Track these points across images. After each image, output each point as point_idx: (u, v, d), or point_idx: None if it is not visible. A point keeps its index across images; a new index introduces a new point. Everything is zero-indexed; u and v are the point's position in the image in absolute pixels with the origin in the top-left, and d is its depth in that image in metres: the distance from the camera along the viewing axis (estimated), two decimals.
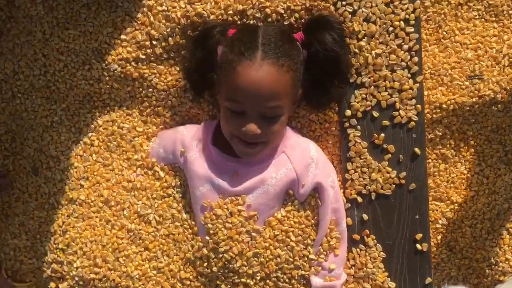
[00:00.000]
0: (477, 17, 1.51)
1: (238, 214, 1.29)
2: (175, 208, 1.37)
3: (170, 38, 1.37)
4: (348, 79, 1.32)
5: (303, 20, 1.31)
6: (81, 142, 1.43)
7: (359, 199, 1.37)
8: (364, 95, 1.33)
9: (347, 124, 1.35)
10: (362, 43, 1.31)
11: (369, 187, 1.35)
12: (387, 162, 1.34)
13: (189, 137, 1.36)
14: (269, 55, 1.16)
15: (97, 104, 1.45)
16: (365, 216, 1.34)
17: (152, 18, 1.38)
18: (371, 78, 1.32)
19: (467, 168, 1.54)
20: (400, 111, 1.32)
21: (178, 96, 1.42)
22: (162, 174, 1.40)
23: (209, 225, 1.30)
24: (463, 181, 1.55)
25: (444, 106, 1.47)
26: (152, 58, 1.39)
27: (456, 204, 1.55)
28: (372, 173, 1.35)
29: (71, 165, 1.41)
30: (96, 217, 1.37)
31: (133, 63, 1.40)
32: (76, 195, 1.38)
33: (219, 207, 1.30)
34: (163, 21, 1.38)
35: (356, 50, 1.32)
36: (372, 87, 1.33)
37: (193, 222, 1.35)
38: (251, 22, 1.32)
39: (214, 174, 1.31)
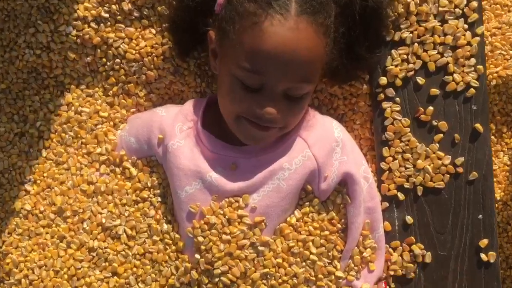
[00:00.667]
0: None
1: (239, 222, 0.99)
2: (152, 217, 1.06)
3: None
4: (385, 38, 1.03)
5: None
6: (27, 134, 1.16)
7: (401, 196, 1.05)
8: (404, 56, 1.03)
9: (381, 96, 1.05)
10: None
11: (414, 179, 1.05)
12: (437, 145, 1.04)
13: (169, 120, 1.05)
14: (306, 9, 0.87)
15: (46, 83, 1.16)
16: (409, 219, 1.05)
17: None
18: (414, 32, 1.02)
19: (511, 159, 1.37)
20: (455, 74, 1.01)
21: (155, 68, 1.11)
22: (134, 171, 1.07)
23: (199, 238, 1.00)
24: (507, 174, 1.36)
25: None
26: (119, 17, 1.10)
27: (500, 203, 1.36)
28: (417, 160, 1.04)
29: (13, 165, 1.15)
30: (47, 233, 1.09)
31: (93, 24, 1.10)
32: (19, 205, 1.11)
33: (213, 213, 1.00)
34: None
35: None
36: (416, 44, 1.02)
37: (177, 236, 1.04)
38: None
39: (205, 167, 0.99)
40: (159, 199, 1.05)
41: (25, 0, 1.09)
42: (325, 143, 1.00)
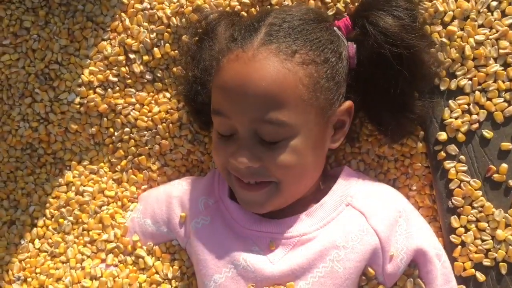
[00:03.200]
0: None
1: None
2: None
3: (155, 49, 0.95)
4: (434, 85, 0.88)
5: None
6: (17, 221, 0.98)
7: (480, 277, 0.85)
8: (465, 106, 0.87)
9: (442, 154, 0.88)
10: (452, 27, 0.86)
11: (495, 254, 0.84)
12: None
13: (191, 194, 0.87)
14: (274, 38, 0.77)
15: (43, 160, 1.00)
16: None
17: (127, 22, 0.94)
18: (474, 79, 0.87)
19: None
20: None
21: (170, 136, 0.96)
22: (150, 260, 0.88)
23: None
24: None
25: None
26: (129, 81, 0.97)
27: None
28: (496, 230, 0.84)
29: (0, 260, 0.96)
30: None
31: (99, 90, 0.96)
32: None
33: None
34: (145, 24, 0.94)
35: (444, 40, 0.87)
36: (477, 92, 0.86)
37: None
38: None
39: (237, 249, 0.80)
40: None
41: (21, 67, 0.96)
42: (386, 213, 0.81)
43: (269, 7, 0.91)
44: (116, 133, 0.95)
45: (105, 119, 0.95)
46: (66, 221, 0.94)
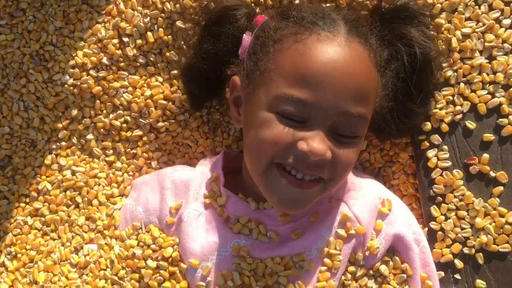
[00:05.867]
0: None
1: None
2: None
3: (149, 33, 0.96)
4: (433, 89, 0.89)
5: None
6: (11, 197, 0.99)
7: (458, 264, 0.87)
8: (449, 97, 0.89)
9: (426, 143, 0.90)
10: (440, 20, 0.88)
11: (473, 242, 0.86)
12: (498, 199, 0.87)
13: (184, 184, 0.88)
14: (356, 32, 0.75)
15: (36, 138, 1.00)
16: None
17: (122, 5, 0.95)
18: (459, 71, 0.88)
19: None
20: (510, 116, 0.86)
21: (162, 120, 0.97)
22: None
23: None
24: None
25: None
26: (122, 64, 0.98)
27: None
28: (476, 219, 0.86)
29: None
30: None
31: (92, 72, 0.97)
32: None
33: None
34: (139, 8, 0.96)
35: (432, 32, 0.88)
36: (462, 84, 0.88)
37: None
38: None
39: (227, 237, 0.82)
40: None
41: (16, 48, 0.98)
42: (366, 200, 0.83)
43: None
44: (110, 115, 0.97)
45: (98, 100, 0.97)
46: (59, 198, 0.96)
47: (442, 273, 0.87)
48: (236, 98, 0.83)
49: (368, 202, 0.83)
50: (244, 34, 0.82)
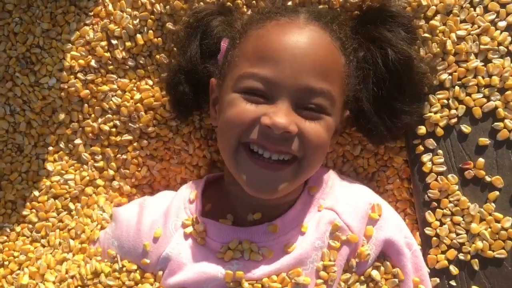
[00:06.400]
0: None
1: None
2: None
3: (138, 35, 0.95)
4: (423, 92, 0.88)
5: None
6: None
7: (453, 270, 0.86)
8: (444, 101, 0.87)
9: (420, 148, 0.88)
10: (435, 22, 0.86)
11: (469, 248, 0.85)
12: (493, 205, 0.85)
13: (162, 213, 0.85)
14: (317, 18, 0.79)
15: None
16: None
17: (110, 7, 0.93)
18: (454, 74, 0.87)
19: None
20: (506, 120, 0.85)
21: (153, 125, 0.95)
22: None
23: None
24: None
25: None
26: (111, 67, 0.95)
27: None
28: (471, 224, 0.85)
29: None
30: None
31: (80, 75, 0.95)
32: None
33: None
34: (128, 9, 0.94)
35: (427, 35, 0.87)
36: (457, 87, 0.86)
37: None
38: None
39: (216, 264, 0.79)
40: None
41: (2, 51, 0.95)
42: (356, 207, 0.82)
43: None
44: (99, 120, 0.95)
45: (86, 104, 0.95)
46: (47, 205, 0.94)
47: (437, 280, 0.86)
48: (214, 99, 0.85)
49: (358, 209, 0.82)
50: (222, 41, 0.84)
